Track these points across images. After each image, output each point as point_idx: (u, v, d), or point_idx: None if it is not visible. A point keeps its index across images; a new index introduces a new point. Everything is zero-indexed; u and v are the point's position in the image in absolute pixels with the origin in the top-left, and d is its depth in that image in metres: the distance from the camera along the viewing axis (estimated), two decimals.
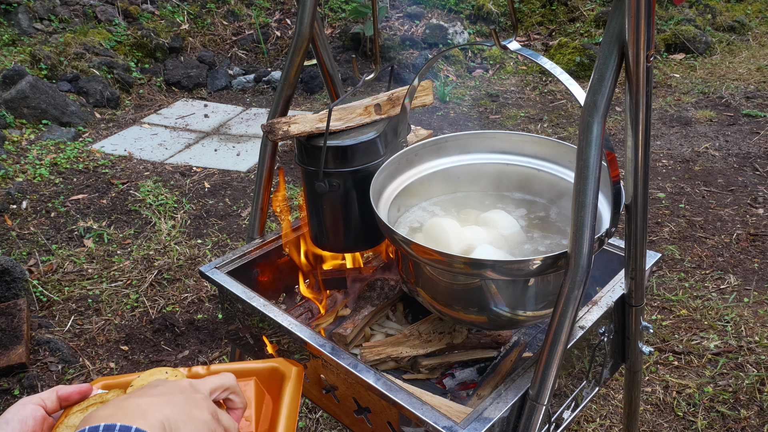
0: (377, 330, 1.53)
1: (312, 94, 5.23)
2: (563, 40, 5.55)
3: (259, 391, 0.93)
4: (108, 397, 0.84)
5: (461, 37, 5.70)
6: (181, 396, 0.71)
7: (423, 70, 1.39)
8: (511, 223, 1.37)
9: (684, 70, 5.30)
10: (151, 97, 5.18)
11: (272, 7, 6.27)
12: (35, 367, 2.40)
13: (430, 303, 1.30)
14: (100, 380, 0.92)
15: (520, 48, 1.18)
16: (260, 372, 0.97)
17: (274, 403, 0.94)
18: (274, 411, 0.92)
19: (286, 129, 1.33)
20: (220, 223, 3.38)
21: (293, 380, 0.96)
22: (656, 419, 2.14)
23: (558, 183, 1.44)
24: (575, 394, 1.32)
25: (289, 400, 0.93)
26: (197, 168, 4.01)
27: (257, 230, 1.63)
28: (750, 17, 6.22)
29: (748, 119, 4.36)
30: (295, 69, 1.47)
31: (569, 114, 4.62)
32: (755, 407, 2.15)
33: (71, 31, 5.36)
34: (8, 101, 4.39)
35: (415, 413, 1.07)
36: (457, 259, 1.11)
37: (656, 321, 2.56)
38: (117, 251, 3.14)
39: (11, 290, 2.67)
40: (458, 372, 1.43)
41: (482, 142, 1.51)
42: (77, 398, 0.83)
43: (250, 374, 0.96)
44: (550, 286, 1.19)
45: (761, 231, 3.11)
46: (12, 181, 3.72)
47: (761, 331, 2.46)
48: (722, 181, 3.58)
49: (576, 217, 1.02)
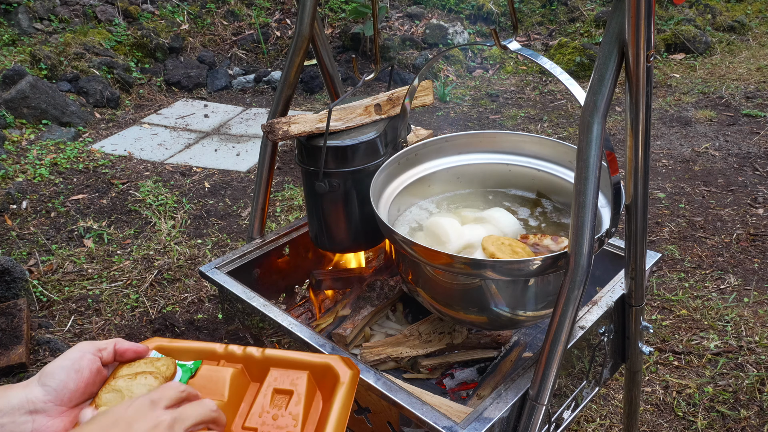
0: (377, 330, 1.53)
1: (312, 94, 5.23)
2: (563, 40, 5.55)
3: (311, 386, 0.88)
4: (158, 365, 0.82)
5: (461, 37, 5.70)
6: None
7: (423, 70, 1.39)
8: (512, 221, 1.37)
9: (684, 70, 5.30)
10: (151, 97, 5.18)
11: (272, 7, 6.27)
12: (35, 367, 2.40)
13: (430, 303, 1.30)
14: (155, 340, 0.91)
15: (520, 48, 1.18)
16: (314, 367, 0.91)
17: (324, 404, 0.88)
18: (323, 414, 0.87)
19: (286, 129, 1.33)
20: (220, 223, 3.38)
21: (348, 384, 0.89)
22: (656, 419, 2.14)
23: (558, 183, 1.45)
24: (575, 394, 1.32)
25: (341, 405, 0.86)
26: (197, 168, 4.01)
27: (257, 230, 1.63)
28: (750, 17, 6.22)
29: (748, 119, 4.36)
30: (295, 69, 1.47)
31: (569, 114, 4.62)
32: (755, 407, 2.15)
33: (71, 31, 5.36)
34: (8, 101, 4.39)
35: (415, 413, 1.07)
36: (457, 259, 1.11)
37: (656, 321, 2.56)
38: (117, 251, 3.14)
39: (11, 290, 2.67)
40: (458, 372, 1.43)
41: (482, 142, 1.51)
42: (132, 356, 0.82)
43: (305, 367, 0.91)
44: (550, 286, 1.19)
45: (761, 231, 3.11)
46: (12, 181, 3.72)
47: (761, 331, 2.46)
48: (722, 181, 3.58)
49: (576, 217, 1.02)
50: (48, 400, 0.73)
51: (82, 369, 0.76)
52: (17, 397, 0.73)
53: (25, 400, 0.73)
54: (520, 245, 1.22)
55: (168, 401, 0.73)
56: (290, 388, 0.88)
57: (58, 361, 0.76)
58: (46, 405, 0.73)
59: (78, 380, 0.75)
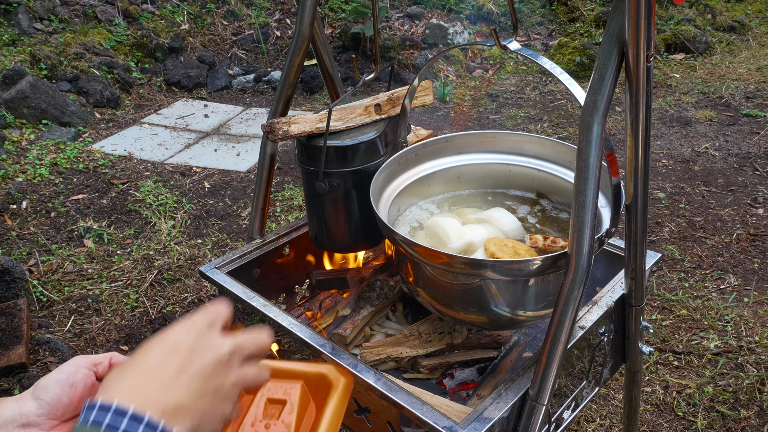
0: (377, 330, 1.53)
1: (312, 94, 5.23)
2: (563, 40, 5.55)
3: (305, 396, 0.89)
4: None
5: (461, 37, 5.70)
6: (211, 395, 0.64)
7: (423, 70, 1.39)
8: (512, 220, 1.37)
9: (684, 70, 5.30)
10: (151, 97, 5.18)
11: (272, 7, 6.27)
12: (35, 367, 2.40)
13: (430, 303, 1.30)
14: None
15: (520, 48, 1.18)
16: (308, 376, 0.92)
17: (317, 412, 0.89)
18: (315, 421, 0.87)
19: (286, 129, 1.33)
20: (220, 223, 3.38)
21: (340, 392, 0.90)
22: (656, 419, 2.14)
23: (558, 183, 1.45)
24: (575, 394, 1.32)
25: (332, 412, 0.87)
26: (197, 168, 4.01)
27: (257, 230, 1.62)
28: (750, 17, 6.22)
29: (748, 119, 4.36)
30: (295, 69, 1.47)
31: (569, 114, 4.62)
32: (755, 407, 2.15)
33: (71, 31, 5.36)
34: (8, 101, 4.39)
35: (415, 413, 1.07)
36: (457, 259, 1.11)
37: (656, 321, 2.56)
38: (117, 251, 3.14)
39: (11, 290, 2.67)
40: (458, 372, 1.43)
41: (482, 142, 1.51)
42: None
43: (298, 377, 0.91)
44: (550, 286, 1.19)
45: (761, 231, 3.11)
46: (12, 181, 3.72)
47: (761, 331, 2.46)
48: (722, 181, 3.58)
49: (576, 217, 1.02)
50: (41, 413, 0.73)
51: (77, 383, 0.75)
52: (10, 410, 0.72)
53: (18, 413, 0.72)
54: (524, 247, 1.22)
55: (222, 323, 0.71)
56: (283, 397, 0.88)
57: (52, 375, 0.75)
58: (39, 419, 0.72)
59: (72, 394, 0.74)
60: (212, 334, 0.68)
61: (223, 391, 0.65)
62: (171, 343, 0.65)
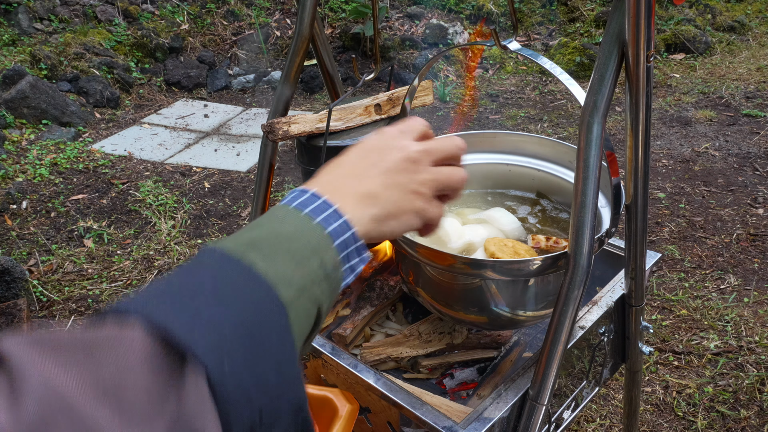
0: (377, 330, 1.53)
1: (312, 94, 5.23)
2: (563, 40, 5.55)
3: None
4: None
5: (461, 37, 5.70)
6: (401, 188, 0.67)
7: (423, 71, 1.39)
8: (512, 220, 1.37)
9: (684, 70, 5.30)
10: (151, 97, 5.18)
11: (272, 7, 6.27)
12: None
13: (430, 303, 1.30)
14: None
15: (520, 48, 1.18)
16: (312, 399, 0.90)
17: None
18: None
19: (286, 129, 1.33)
20: (220, 223, 3.38)
21: (344, 419, 0.88)
22: (656, 419, 2.14)
23: (558, 183, 1.45)
24: (575, 394, 1.32)
25: None
26: (197, 168, 4.01)
27: None
28: (750, 17, 6.22)
29: (748, 119, 4.36)
30: (295, 69, 1.47)
31: (569, 114, 4.62)
32: (755, 407, 2.15)
33: (71, 31, 5.36)
34: (8, 101, 4.39)
35: (415, 413, 1.07)
36: (457, 259, 1.11)
37: (656, 321, 2.55)
38: (117, 251, 3.14)
39: (11, 290, 2.67)
40: (458, 372, 1.43)
41: (482, 142, 1.51)
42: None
43: None
44: (550, 286, 1.19)
45: (761, 231, 3.11)
46: (12, 181, 3.72)
47: (761, 331, 2.46)
48: (722, 181, 3.58)
49: (576, 217, 1.02)
50: None
51: None
52: None
53: None
54: (524, 247, 1.22)
55: (415, 134, 0.73)
56: None
57: None
58: None
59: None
60: (403, 138, 0.72)
61: (412, 185, 0.68)
62: (363, 148, 0.71)
